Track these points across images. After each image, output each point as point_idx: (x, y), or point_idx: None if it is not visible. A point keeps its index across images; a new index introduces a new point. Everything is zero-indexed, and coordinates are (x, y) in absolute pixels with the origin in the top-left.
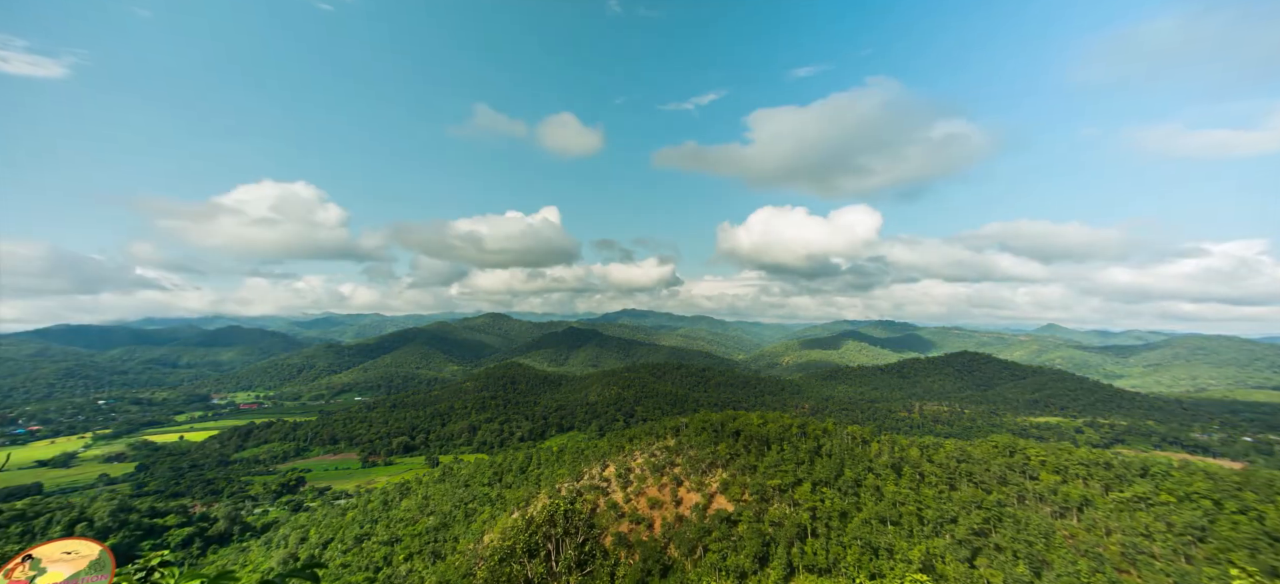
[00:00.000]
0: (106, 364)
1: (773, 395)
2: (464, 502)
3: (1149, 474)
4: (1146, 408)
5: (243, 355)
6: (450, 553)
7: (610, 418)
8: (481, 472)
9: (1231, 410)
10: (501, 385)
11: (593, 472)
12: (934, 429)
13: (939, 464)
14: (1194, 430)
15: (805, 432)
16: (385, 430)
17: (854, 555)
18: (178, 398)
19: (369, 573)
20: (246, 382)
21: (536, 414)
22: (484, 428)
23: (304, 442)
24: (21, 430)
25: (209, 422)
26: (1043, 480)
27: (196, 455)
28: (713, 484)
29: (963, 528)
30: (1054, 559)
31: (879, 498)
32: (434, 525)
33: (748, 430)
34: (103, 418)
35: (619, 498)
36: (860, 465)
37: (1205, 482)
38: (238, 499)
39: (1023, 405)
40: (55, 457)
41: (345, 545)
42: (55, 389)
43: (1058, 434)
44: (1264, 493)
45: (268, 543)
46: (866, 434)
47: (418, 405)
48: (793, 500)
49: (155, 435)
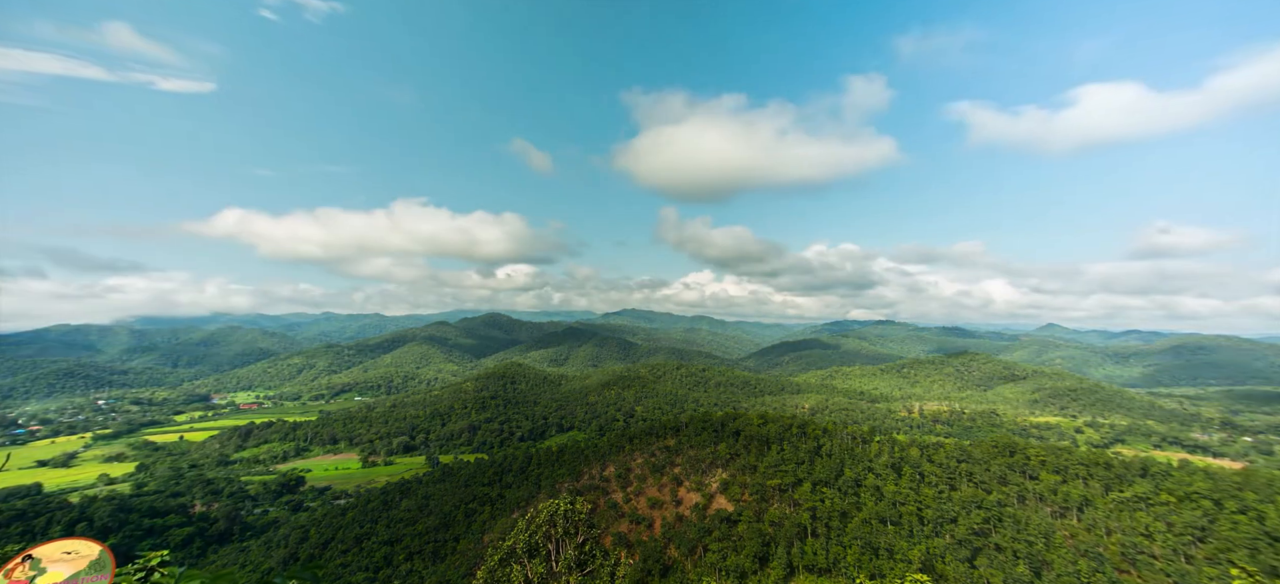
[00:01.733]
0: (106, 364)
1: (773, 395)
2: (464, 501)
3: (1149, 474)
4: (1146, 408)
5: (242, 355)
6: (450, 553)
7: (610, 418)
8: (482, 472)
9: (1231, 410)
10: (501, 385)
11: (593, 471)
12: (934, 429)
13: (939, 464)
14: (1194, 430)
15: (805, 432)
16: (385, 430)
17: (854, 555)
18: (178, 398)
19: (369, 573)
20: (246, 382)
21: (536, 414)
22: (484, 428)
23: (304, 442)
24: (21, 430)
25: (209, 422)
26: (1043, 480)
27: (196, 455)
28: (713, 484)
29: (963, 528)
30: (1054, 559)
31: (879, 498)
32: (434, 525)
33: (748, 430)
34: (103, 418)
35: (619, 498)
36: (860, 465)
37: (1205, 482)
38: (238, 499)
39: (1023, 405)
40: (55, 457)
41: (345, 545)
42: (55, 389)
43: (1058, 434)
44: (1264, 493)
45: (268, 543)
46: (866, 434)
47: (418, 405)
48: (793, 500)
49: (155, 435)
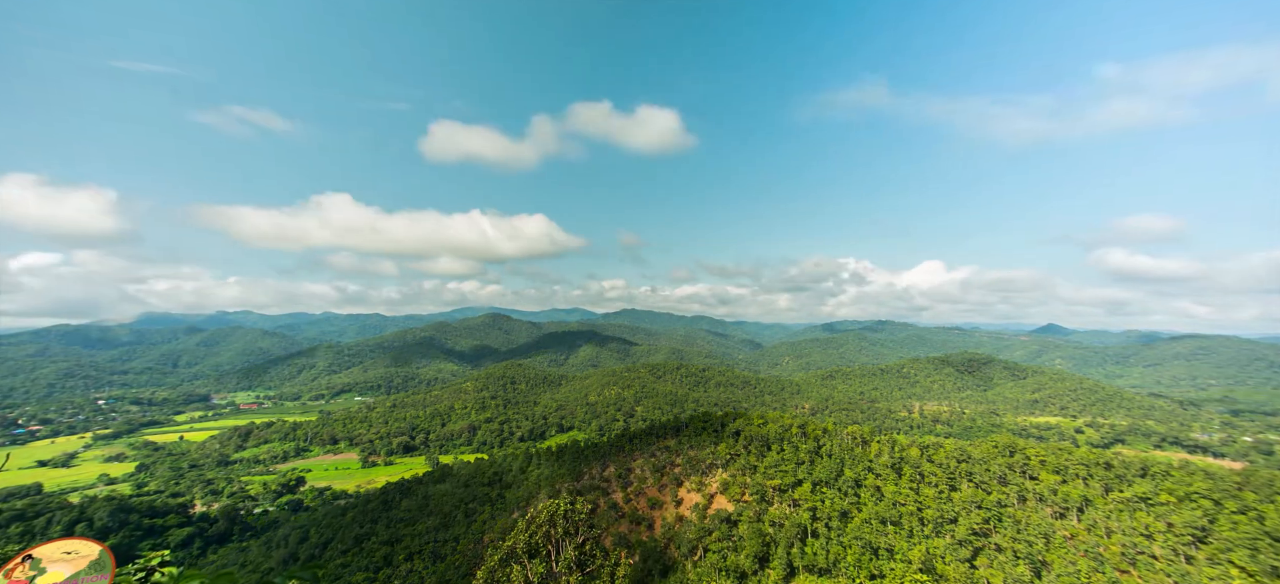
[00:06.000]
0: (106, 364)
1: (773, 395)
2: (464, 501)
3: (1149, 474)
4: (1146, 408)
5: (242, 355)
6: (450, 553)
7: (610, 418)
8: (481, 472)
9: (1231, 410)
10: (501, 385)
11: (593, 472)
12: (934, 429)
13: (939, 464)
14: (1194, 430)
15: (805, 432)
16: (385, 430)
17: (854, 556)
18: (178, 398)
19: (369, 573)
20: (246, 382)
21: (536, 414)
22: (484, 428)
23: (304, 442)
24: (21, 430)
25: (209, 422)
26: (1043, 480)
27: (196, 455)
28: (713, 484)
29: (963, 528)
30: (1054, 559)
31: (879, 498)
32: (434, 525)
33: (748, 430)
34: (103, 418)
35: (619, 498)
36: (860, 466)
37: (1205, 482)
38: (238, 499)
39: (1023, 405)
40: (55, 457)
41: (345, 545)
42: (55, 389)
43: (1058, 434)
44: (1264, 493)
45: (268, 543)
46: (866, 434)
47: (418, 405)
48: (793, 501)
49: (155, 435)
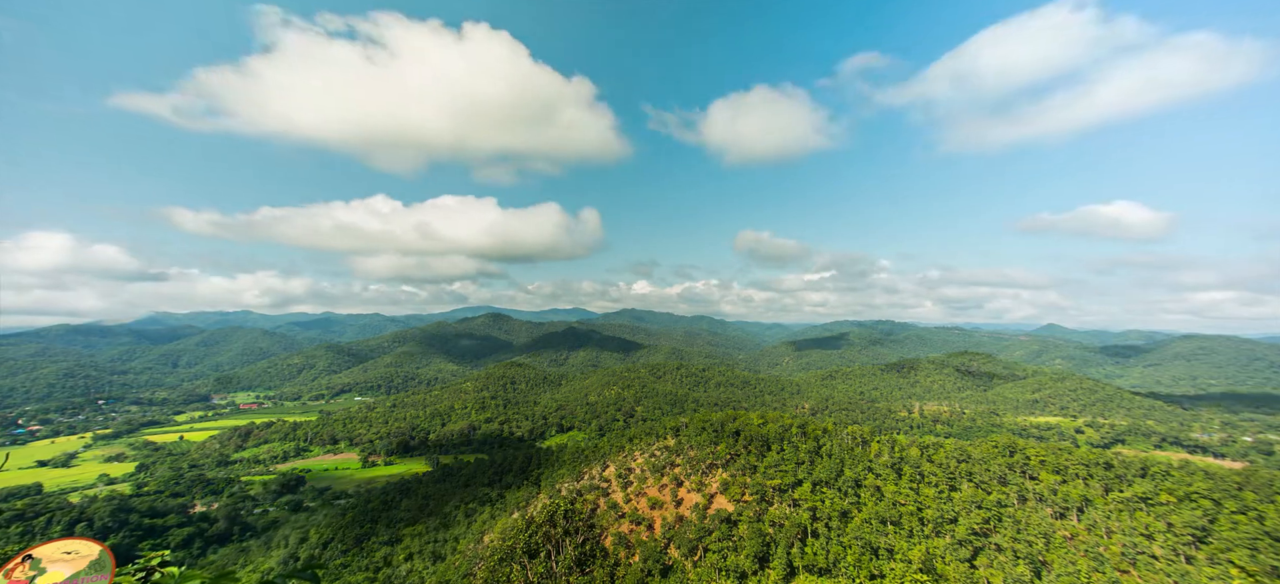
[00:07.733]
0: (106, 364)
1: (773, 395)
2: (464, 502)
3: (1149, 474)
4: (1146, 408)
5: (242, 355)
6: (450, 553)
7: (610, 418)
8: (481, 471)
9: (1231, 410)
10: (501, 385)
11: (593, 472)
12: (934, 429)
13: (939, 464)
14: (1194, 430)
15: (805, 432)
16: (385, 430)
17: (854, 556)
18: (178, 398)
19: (369, 573)
20: (246, 382)
21: (536, 414)
22: (484, 428)
23: (304, 442)
24: (21, 430)
25: (209, 422)
26: (1043, 480)
27: (196, 455)
28: (713, 484)
29: (963, 528)
30: (1054, 559)
31: (879, 498)
32: (434, 526)
33: (748, 430)
34: (103, 418)
35: (619, 498)
36: (860, 466)
37: (1205, 482)
38: (238, 499)
39: (1023, 405)
40: (55, 457)
41: (345, 545)
42: (55, 389)
43: (1058, 434)
44: (1264, 493)
45: (268, 543)
46: (866, 434)
47: (418, 405)
48: (793, 501)
49: (155, 435)
